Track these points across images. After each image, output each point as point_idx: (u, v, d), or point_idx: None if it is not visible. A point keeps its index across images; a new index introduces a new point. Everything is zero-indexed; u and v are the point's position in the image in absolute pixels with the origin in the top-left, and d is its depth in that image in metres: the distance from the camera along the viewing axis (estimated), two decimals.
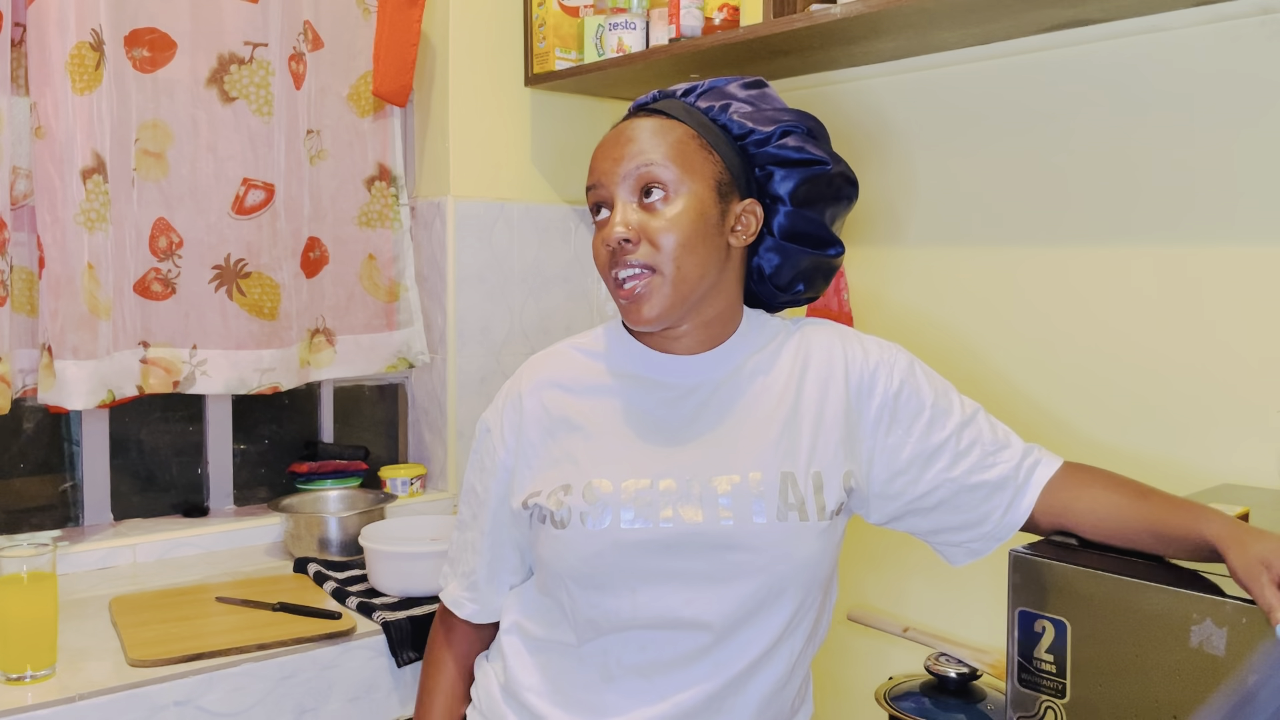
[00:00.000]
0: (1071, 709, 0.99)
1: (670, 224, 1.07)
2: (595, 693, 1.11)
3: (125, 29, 1.82)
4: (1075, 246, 1.60)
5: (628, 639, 1.10)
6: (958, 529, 1.16)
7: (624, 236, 1.07)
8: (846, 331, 1.20)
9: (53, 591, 1.35)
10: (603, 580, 1.09)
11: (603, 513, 1.08)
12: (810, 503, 1.09)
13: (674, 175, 1.08)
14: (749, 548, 1.07)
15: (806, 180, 1.14)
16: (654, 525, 1.07)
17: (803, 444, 1.11)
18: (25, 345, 1.78)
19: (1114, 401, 1.56)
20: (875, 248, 1.87)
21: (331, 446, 2.23)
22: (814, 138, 1.15)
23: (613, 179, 1.09)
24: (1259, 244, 1.40)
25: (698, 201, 1.08)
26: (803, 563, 1.09)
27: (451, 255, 2.13)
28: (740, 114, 1.14)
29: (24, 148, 1.74)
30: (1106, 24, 1.52)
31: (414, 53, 2.05)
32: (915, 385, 1.16)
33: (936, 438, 1.14)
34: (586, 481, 1.10)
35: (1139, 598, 0.94)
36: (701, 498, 1.08)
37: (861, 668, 1.92)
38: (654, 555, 1.07)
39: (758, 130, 1.13)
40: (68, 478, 1.98)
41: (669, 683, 1.09)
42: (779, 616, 1.09)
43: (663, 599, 1.08)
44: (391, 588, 1.65)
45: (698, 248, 1.08)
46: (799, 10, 1.68)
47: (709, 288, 1.11)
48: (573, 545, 1.09)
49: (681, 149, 1.09)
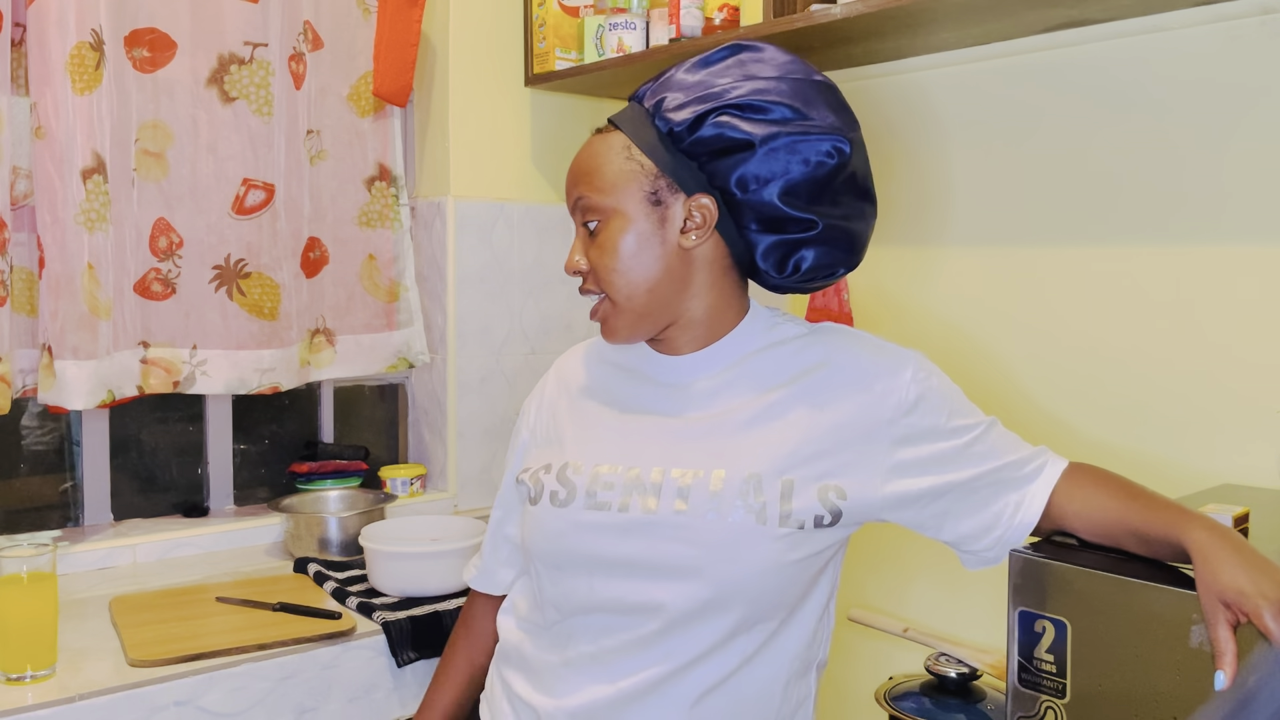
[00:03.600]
0: (1071, 709, 0.99)
1: (604, 251, 1.09)
2: (555, 672, 1.14)
3: (125, 29, 1.82)
4: (1076, 247, 1.60)
5: (588, 622, 1.11)
6: (972, 536, 1.12)
7: (576, 269, 1.12)
8: (864, 338, 1.15)
9: (53, 591, 1.35)
10: (563, 560, 1.12)
11: (570, 494, 1.11)
12: (773, 507, 1.05)
13: (601, 201, 1.09)
14: (697, 543, 1.06)
15: (740, 164, 1.05)
16: (611, 511, 1.09)
17: (782, 450, 1.08)
18: (25, 345, 1.78)
19: (1114, 401, 1.56)
20: (874, 248, 1.87)
21: (331, 446, 2.23)
22: (753, 110, 1.03)
23: (570, 209, 1.15)
24: (1260, 244, 1.40)
25: (626, 220, 1.08)
26: (757, 568, 1.05)
27: (451, 255, 2.13)
28: (671, 106, 1.06)
29: (24, 148, 1.74)
30: (1106, 24, 1.52)
31: (414, 53, 2.05)
32: (930, 397, 1.11)
33: (952, 451, 1.10)
34: (564, 462, 1.14)
35: (1139, 598, 0.94)
36: (661, 488, 1.09)
37: (861, 668, 1.92)
38: (608, 540, 1.09)
39: (675, 123, 1.06)
40: (68, 478, 1.98)
41: (619, 666, 1.10)
42: (727, 618, 1.07)
43: (616, 584, 1.09)
44: (392, 588, 1.65)
45: (636, 267, 1.09)
46: (799, 10, 1.68)
47: (673, 295, 1.10)
48: (541, 522, 1.13)
49: (610, 168, 1.09)
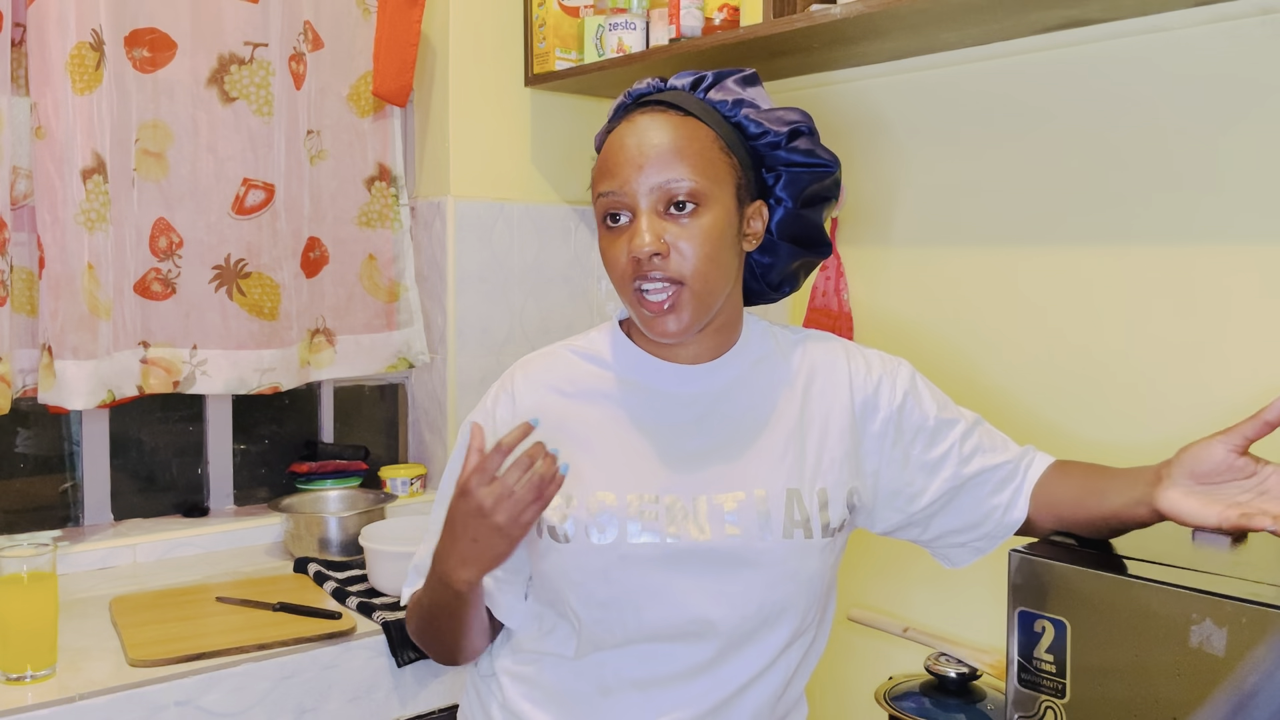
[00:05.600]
0: (1071, 709, 0.99)
1: (700, 236, 1.03)
2: (591, 705, 1.09)
3: (125, 29, 1.82)
4: (1075, 247, 1.60)
5: (627, 653, 1.07)
6: (959, 531, 1.17)
7: (655, 250, 1.02)
8: (850, 346, 1.19)
9: (53, 591, 1.35)
10: (607, 596, 1.06)
11: (608, 526, 1.05)
12: (815, 520, 1.08)
13: (707, 186, 1.03)
14: (755, 565, 1.05)
15: (814, 182, 1.12)
16: (661, 540, 1.05)
17: (808, 460, 1.10)
18: (25, 345, 1.78)
19: (1106, 402, 1.55)
20: (874, 248, 1.87)
21: (331, 446, 2.23)
22: (817, 138, 1.13)
23: (636, 189, 1.03)
24: (1258, 244, 1.40)
25: (724, 211, 1.05)
26: (807, 580, 1.08)
27: (451, 255, 2.13)
28: (752, 114, 1.09)
29: (24, 148, 1.74)
30: (1106, 24, 1.52)
31: (414, 53, 2.05)
32: (918, 398, 1.15)
33: (939, 449, 1.14)
34: (589, 493, 1.07)
35: (1139, 598, 0.94)
36: (708, 514, 1.06)
37: (861, 668, 1.92)
38: (660, 570, 1.05)
39: (772, 132, 1.09)
40: (68, 478, 1.98)
41: (666, 697, 1.07)
42: (780, 634, 1.08)
43: (667, 613, 1.05)
44: (392, 588, 1.65)
45: (722, 258, 1.05)
46: (799, 10, 1.68)
47: (725, 295, 1.09)
48: (577, 559, 1.06)
49: (707, 156, 1.04)
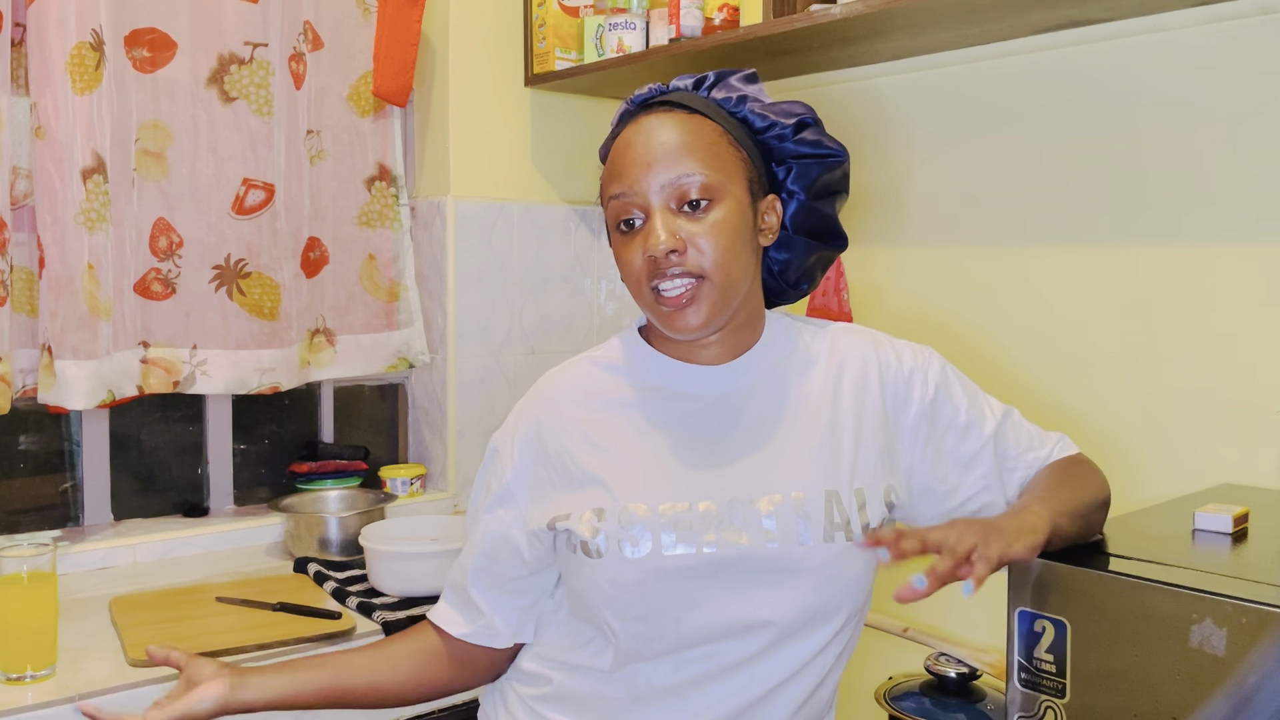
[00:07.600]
0: (1071, 709, 0.99)
1: (716, 230, 1.02)
2: (623, 711, 1.08)
3: (125, 29, 1.82)
4: (1075, 246, 1.60)
5: (664, 662, 1.05)
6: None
7: (672, 247, 1.00)
8: (879, 337, 1.16)
9: (53, 591, 1.35)
10: (644, 610, 1.03)
11: (641, 538, 1.02)
12: (855, 521, 1.05)
13: (720, 180, 1.02)
14: (797, 571, 1.03)
15: (824, 173, 1.10)
16: (697, 550, 1.02)
17: (844, 460, 1.07)
18: (25, 345, 1.78)
19: (1114, 401, 1.55)
20: (875, 247, 1.87)
21: (331, 446, 2.23)
22: (822, 128, 1.12)
23: (647, 188, 1.02)
24: (1260, 243, 1.40)
25: (738, 205, 1.04)
26: (852, 581, 1.06)
27: (451, 255, 2.13)
28: (757, 108, 1.08)
29: (24, 148, 1.74)
30: (1106, 24, 1.52)
31: (414, 53, 2.05)
32: (949, 391, 1.13)
33: (974, 444, 1.12)
34: (621, 506, 1.04)
35: (1139, 598, 0.94)
36: (745, 520, 1.03)
37: (861, 668, 1.92)
38: (698, 581, 1.03)
39: (779, 124, 1.08)
40: (68, 478, 1.98)
41: (701, 697, 1.05)
42: (822, 634, 1.07)
43: (708, 622, 1.03)
44: (391, 588, 1.65)
45: (740, 252, 1.04)
46: (799, 10, 1.68)
47: (746, 291, 1.07)
48: (611, 574, 1.03)
49: (716, 150, 1.04)
